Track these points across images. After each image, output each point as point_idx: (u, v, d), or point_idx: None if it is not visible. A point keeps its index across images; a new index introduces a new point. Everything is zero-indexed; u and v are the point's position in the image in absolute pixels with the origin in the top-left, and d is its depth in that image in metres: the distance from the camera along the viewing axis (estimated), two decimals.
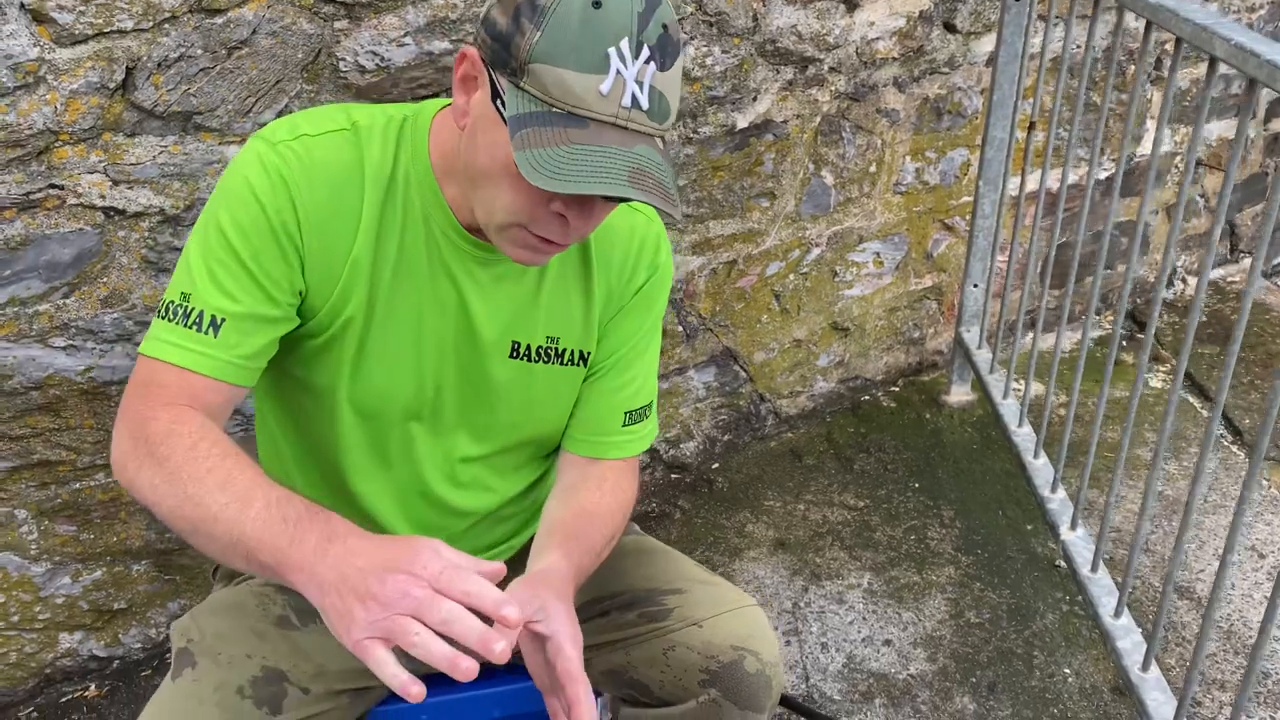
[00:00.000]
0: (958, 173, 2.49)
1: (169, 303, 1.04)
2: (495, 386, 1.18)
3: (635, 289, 1.22)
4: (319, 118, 1.08)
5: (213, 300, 1.03)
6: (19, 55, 1.41)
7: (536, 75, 0.92)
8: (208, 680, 1.08)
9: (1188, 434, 2.53)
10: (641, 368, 1.25)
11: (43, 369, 1.61)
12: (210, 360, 1.03)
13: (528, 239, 1.01)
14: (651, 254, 1.23)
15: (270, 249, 1.04)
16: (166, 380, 1.02)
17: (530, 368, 1.18)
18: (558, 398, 1.22)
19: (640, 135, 0.95)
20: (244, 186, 1.03)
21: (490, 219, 1.02)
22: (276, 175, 1.03)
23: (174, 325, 1.03)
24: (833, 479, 2.41)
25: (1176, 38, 1.51)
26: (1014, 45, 2.19)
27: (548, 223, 1.00)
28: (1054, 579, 2.12)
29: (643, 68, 0.92)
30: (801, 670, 1.93)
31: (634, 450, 1.26)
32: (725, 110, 2.06)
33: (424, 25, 1.66)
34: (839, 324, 2.51)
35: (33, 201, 1.51)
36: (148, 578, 1.86)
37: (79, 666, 1.87)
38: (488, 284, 1.13)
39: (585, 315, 1.20)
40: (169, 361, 1.02)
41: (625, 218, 1.21)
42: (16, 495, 1.69)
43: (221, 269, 1.03)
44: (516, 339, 1.17)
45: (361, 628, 0.82)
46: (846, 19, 2.12)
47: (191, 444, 0.96)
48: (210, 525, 0.92)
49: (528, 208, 0.98)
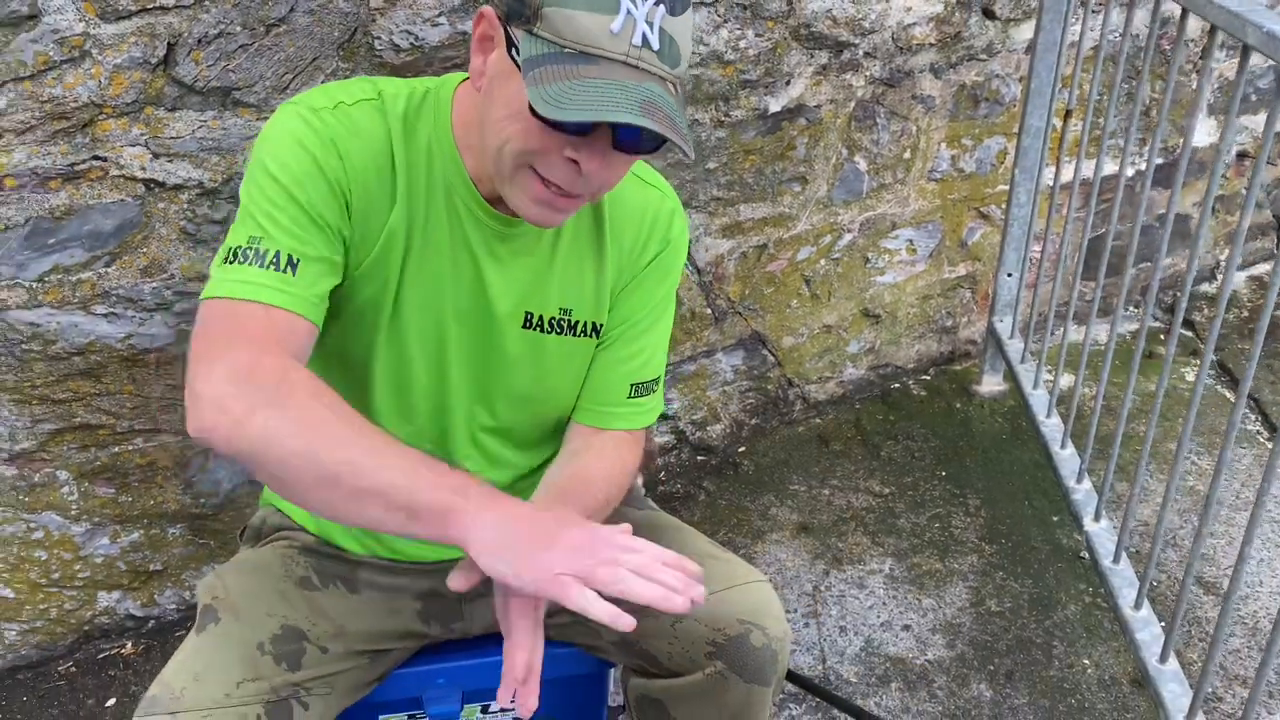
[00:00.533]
0: (994, 161, 2.47)
1: (236, 248, 1.03)
2: (509, 357, 1.20)
3: (647, 261, 1.24)
4: (349, 88, 1.11)
5: (286, 241, 1.03)
6: (65, 30, 1.46)
7: (549, 19, 0.95)
8: (230, 635, 1.12)
9: (1221, 429, 2.50)
10: (651, 340, 1.27)
11: (84, 335, 1.67)
12: (295, 298, 1.02)
13: (540, 190, 1.02)
14: (665, 228, 1.24)
15: (326, 197, 1.06)
16: (253, 323, 1.00)
17: (543, 339, 1.21)
18: (571, 370, 1.25)
19: (651, 76, 0.97)
20: (293, 142, 1.05)
21: (502, 167, 1.03)
22: (325, 135, 1.06)
23: (249, 267, 1.02)
24: (859, 465, 2.41)
25: (1211, 25, 1.49)
26: (1053, 33, 2.17)
27: (559, 168, 1.00)
28: (1077, 570, 2.11)
29: (652, 9, 0.95)
30: (819, 653, 1.95)
31: (639, 422, 1.28)
32: (758, 94, 2.06)
33: (458, 4, 1.68)
34: (870, 311, 2.51)
35: (77, 173, 1.56)
36: (182, 541, 1.92)
37: (116, 625, 1.94)
38: (505, 256, 1.16)
39: (597, 287, 1.22)
40: (255, 300, 1.00)
41: (639, 192, 1.23)
42: (58, 457, 1.75)
43: (284, 215, 1.04)
44: (530, 310, 1.19)
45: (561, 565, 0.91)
46: (883, 4, 2.12)
47: (313, 392, 0.96)
48: (351, 476, 0.93)
49: (542, 154, 1.00)
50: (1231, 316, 2.92)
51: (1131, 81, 2.50)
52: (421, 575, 1.29)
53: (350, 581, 1.26)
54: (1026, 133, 2.28)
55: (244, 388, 0.95)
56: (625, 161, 1.05)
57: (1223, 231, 3.00)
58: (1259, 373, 2.68)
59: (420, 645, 1.32)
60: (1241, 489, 2.32)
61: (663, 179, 1.28)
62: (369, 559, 1.28)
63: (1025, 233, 2.39)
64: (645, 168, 1.27)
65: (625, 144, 1.00)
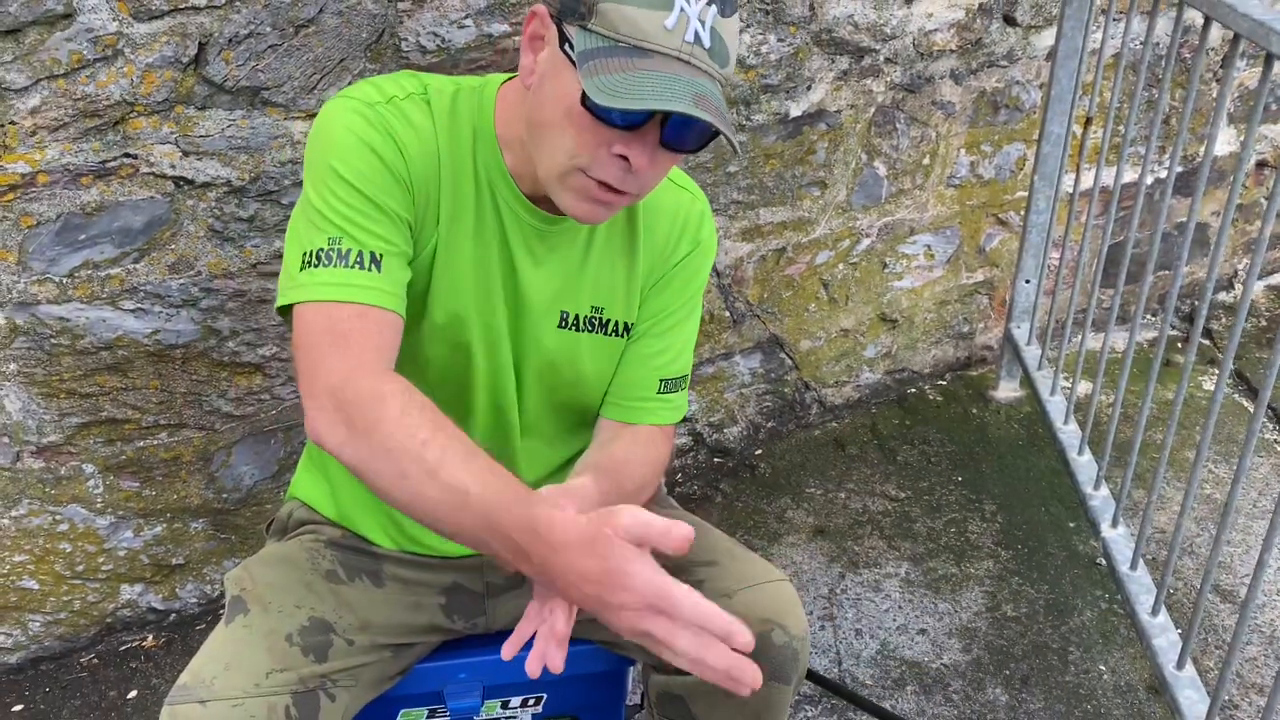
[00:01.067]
0: (1013, 167, 2.48)
1: (316, 250, 1.03)
2: (546, 354, 1.21)
3: (677, 260, 1.26)
4: (399, 81, 1.13)
5: (365, 239, 1.04)
6: (99, 29, 1.48)
7: (604, 14, 0.97)
8: (258, 626, 1.13)
9: (1239, 438, 2.50)
10: (679, 338, 1.28)
11: (112, 330, 1.69)
12: (384, 294, 1.03)
13: (588, 186, 1.03)
14: (695, 229, 1.26)
15: (394, 190, 1.07)
16: (349, 327, 1.01)
17: (577, 337, 1.22)
18: (602, 368, 1.26)
19: (702, 72, 0.98)
20: (353, 138, 1.05)
21: (552, 168, 1.04)
22: (383, 128, 1.07)
23: (334, 268, 1.02)
24: (875, 469, 2.42)
25: (1235, 34, 1.50)
26: (1074, 40, 2.17)
27: (608, 165, 1.01)
28: (1094, 576, 2.11)
29: (705, 8, 0.97)
30: (835, 655, 1.95)
31: (668, 418, 1.29)
32: (779, 98, 2.07)
33: (484, 7, 1.70)
34: (887, 315, 2.52)
35: (108, 169, 1.58)
36: (205, 535, 1.94)
37: (138, 617, 1.96)
38: (541, 254, 1.17)
39: (628, 287, 1.24)
40: (344, 300, 1.01)
41: (671, 195, 1.25)
42: (85, 450, 1.77)
43: (358, 214, 1.04)
44: (565, 308, 1.21)
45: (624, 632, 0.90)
46: (904, 10, 2.13)
47: (400, 410, 0.96)
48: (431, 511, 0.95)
49: (590, 148, 1.01)
50: (1249, 325, 2.91)
51: (1152, 89, 2.51)
52: (445, 570, 1.30)
53: (375, 575, 1.28)
54: (1046, 139, 2.29)
55: (342, 407, 0.97)
56: (670, 160, 1.06)
57: (1241, 240, 3.00)
58: (1278, 382, 2.68)
59: (443, 640, 1.33)
60: (1259, 497, 2.32)
61: (693, 182, 1.29)
62: (394, 553, 1.30)
63: (1044, 239, 2.39)
64: (677, 170, 1.28)
65: (671, 142, 1.01)
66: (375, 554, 1.29)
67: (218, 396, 1.82)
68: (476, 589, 1.32)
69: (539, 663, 0.99)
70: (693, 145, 1.04)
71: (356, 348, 1.00)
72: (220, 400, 1.82)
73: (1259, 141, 2.84)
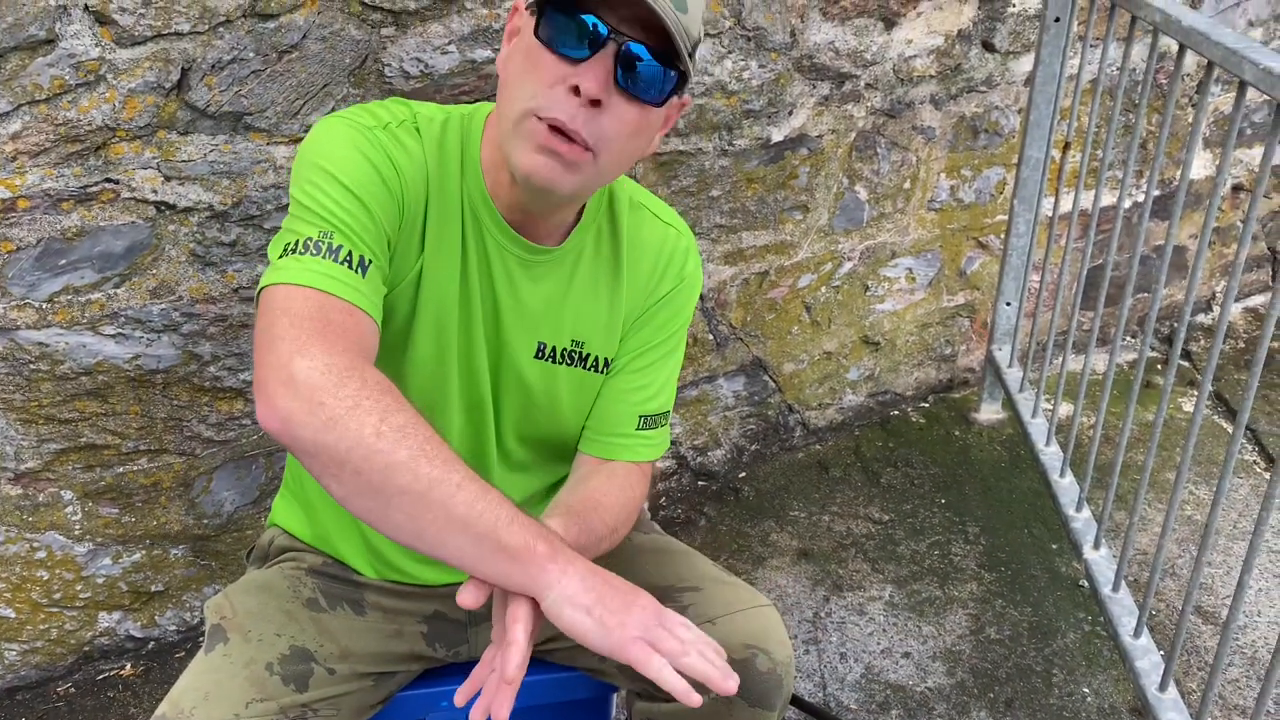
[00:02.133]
0: (993, 191, 2.50)
1: (306, 239, 0.99)
2: (523, 384, 1.21)
3: (661, 296, 1.26)
4: (390, 109, 1.13)
5: (356, 242, 1.01)
6: (81, 54, 1.48)
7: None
8: (238, 655, 1.12)
9: (1219, 459, 2.52)
10: (661, 374, 1.28)
11: (92, 355, 1.68)
12: (367, 300, 1.00)
13: (538, 131, 1.01)
14: (680, 264, 1.26)
15: (388, 207, 1.06)
16: (340, 318, 0.96)
17: (555, 369, 1.22)
18: (580, 402, 1.26)
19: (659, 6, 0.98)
20: (353, 149, 1.05)
21: (507, 122, 1.04)
22: (381, 148, 1.07)
23: (324, 260, 0.98)
24: (859, 491, 2.42)
25: (1209, 61, 1.52)
26: (1052, 66, 2.20)
27: (560, 101, 1.00)
28: (1077, 598, 2.12)
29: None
30: (819, 679, 1.95)
31: (646, 455, 1.28)
32: (761, 123, 2.09)
33: (468, 34, 1.71)
34: (870, 338, 2.53)
35: (89, 195, 1.57)
36: (184, 562, 1.92)
37: (116, 646, 1.93)
38: (523, 282, 1.17)
39: (610, 321, 1.24)
40: (339, 296, 0.97)
41: (656, 229, 1.25)
42: (63, 477, 1.75)
43: (351, 218, 1.02)
44: (542, 340, 1.20)
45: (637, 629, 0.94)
46: (884, 36, 2.15)
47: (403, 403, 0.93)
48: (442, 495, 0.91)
49: (545, 88, 1.00)
50: (1227, 348, 2.94)
51: (1129, 114, 2.54)
52: (427, 598, 1.30)
53: (357, 603, 1.27)
54: (1025, 164, 2.31)
55: (345, 389, 0.90)
56: (629, 116, 1.03)
57: (1218, 263, 3.03)
58: (1256, 403, 2.70)
59: (425, 668, 1.33)
60: (1239, 519, 2.33)
61: (679, 217, 1.30)
62: (376, 581, 1.29)
63: (1024, 262, 2.41)
64: (661, 205, 1.29)
65: (626, 82, 1.01)
66: (357, 582, 1.28)
67: (199, 422, 1.81)
68: (459, 617, 1.31)
69: (482, 714, 0.96)
70: (650, 90, 1.02)
71: (351, 340, 0.95)
72: (201, 425, 1.81)
73: (1234, 165, 2.87)
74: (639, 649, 0.93)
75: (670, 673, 0.93)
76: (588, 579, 0.96)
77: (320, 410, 0.89)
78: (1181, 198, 1.64)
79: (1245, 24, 2.66)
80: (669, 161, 2.02)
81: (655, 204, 1.29)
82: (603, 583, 0.96)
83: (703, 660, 0.95)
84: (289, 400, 0.90)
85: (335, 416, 0.89)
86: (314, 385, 0.90)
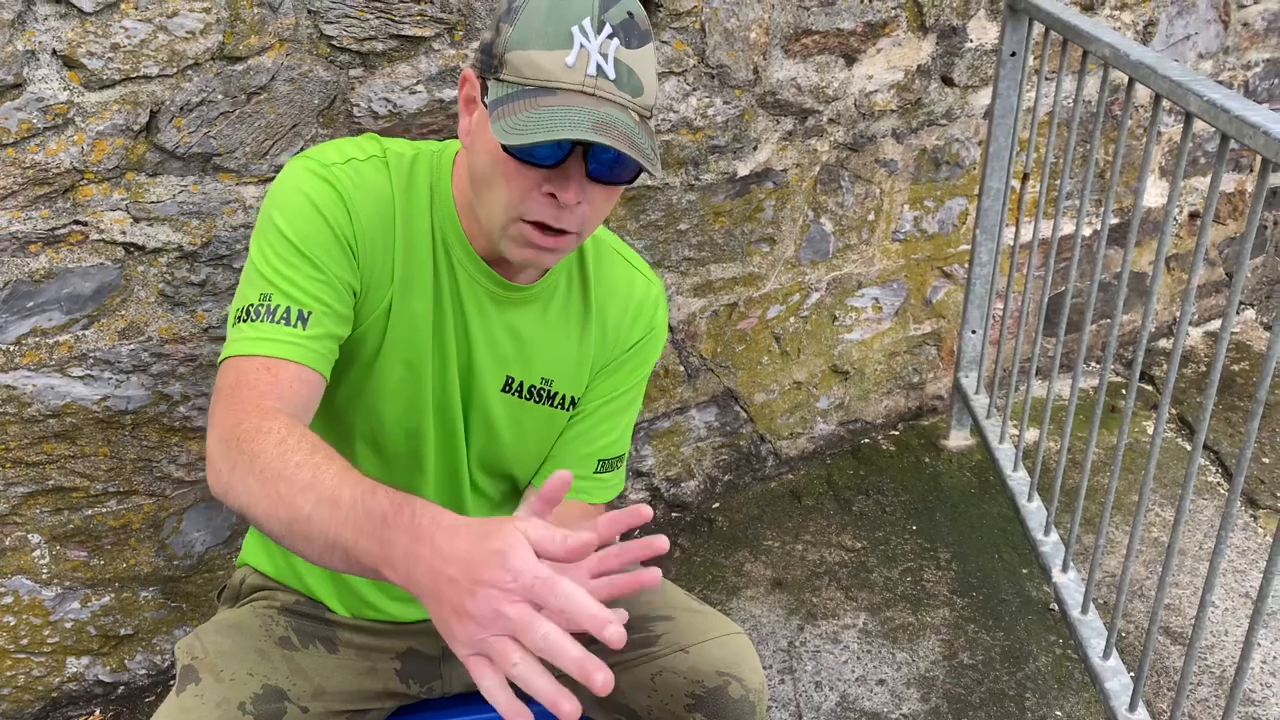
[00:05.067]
0: (956, 221, 2.55)
1: (247, 306, 1.06)
2: (491, 418, 1.22)
3: (630, 344, 1.28)
4: (360, 144, 1.15)
5: (296, 295, 1.06)
6: (49, 98, 1.49)
7: (512, 63, 1.00)
8: (210, 696, 1.12)
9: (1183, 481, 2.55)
10: (623, 421, 1.30)
11: (60, 397, 1.67)
12: (299, 349, 1.04)
13: (525, 231, 1.06)
14: (650, 313, 1.28)
15: (334, 251, 1.08)
16: (255, 379, 1.02)
17: (523, 404, 1.23)
18: (546, 438, 1.27)
19: (610, 102, 1.00)
20: (302, 198, 1.08)
21: (493, 222, 1.07)
22: (333, 191, 1.09)
23: (259, 324, 1.04)
24: (831, 520, 2.44)
25: (1156, 94, 1.57)
26: (1009, 99, 2.25)
27: (540, 205, 1.04)
28: (1048, 622, 2.14)
29: (606, 42, 0.99)
30: (795, 708, 1.95)
31: (603, 497, 1.30)
32: (726, 158, 2.12)
33: (435, 74, 1.73)
34: (839, 367, 2.56)
35: (57, 237, 1.58)
36: (155, 604, 1.90)
37: (85, 691, 1.91)
38: (495, 317, 1.19)
39: (579, 361, 1.26)
40: (258, 355, 1.03)
41: (624, 275, 1.27)
42: (31, 520, 1.74)
43: (295, 271, 1.06)
44: (511, 374, 1.22)
45: (463, 645, 0.76)
46: (845, 72, 2.19)
47: (279, 439, 0.93)
48: (305, 526, 0.87)
49: (520, 194, 1.03)
50: (1190, 371, 2.99)
51: (1085, 145, 2.60)
52: (400, 635, 1.30)
53: (330, 641, 1.27)
54: (986, 194, 2.36)
55: (228, 448, 0.95)
56: (605, 195, 1.07)
57: (1178, 289, 3.10)
58: (1220, 426, 2.75)
59: (398, 705, 1.32)
60: (1204, 540, 2.37)
61: (648, 266, 1.32)
62: (349, 620, 1.29)
63: (988, 291, 2.45)
64: (631, 252, 1.31)
65: (599, 174, 1.03)
66: (329, 620, 1.28)
67: (169, 462, 1.80)
68: (432, 653, 1.31)
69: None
70: (622, 176, 1.05)
71: (255, 395, 1.00)
72: (171, 466, 1.80)
73: (1190, 193, 2.94)
74: (471, 666, 0.76)
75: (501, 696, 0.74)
76: (424, 590, 0.79)
77: (219, 479, 0.96)
78: (1135, 225, 1.68)
79: (1195, 56, 2.74)
80: (637, 196, 2.05)
81: (624, 249, 1.31)
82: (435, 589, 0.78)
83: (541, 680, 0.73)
84: (208, 473, 0.99)
85: (228, 484, 0.95)
86: (213, 458, 0.98)
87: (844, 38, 2.16)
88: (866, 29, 2.18)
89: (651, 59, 1.05)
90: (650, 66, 1.04)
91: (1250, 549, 2.34)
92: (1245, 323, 3.25)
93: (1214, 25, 2.73)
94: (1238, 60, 2.83)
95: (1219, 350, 1.39)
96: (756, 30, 2.04)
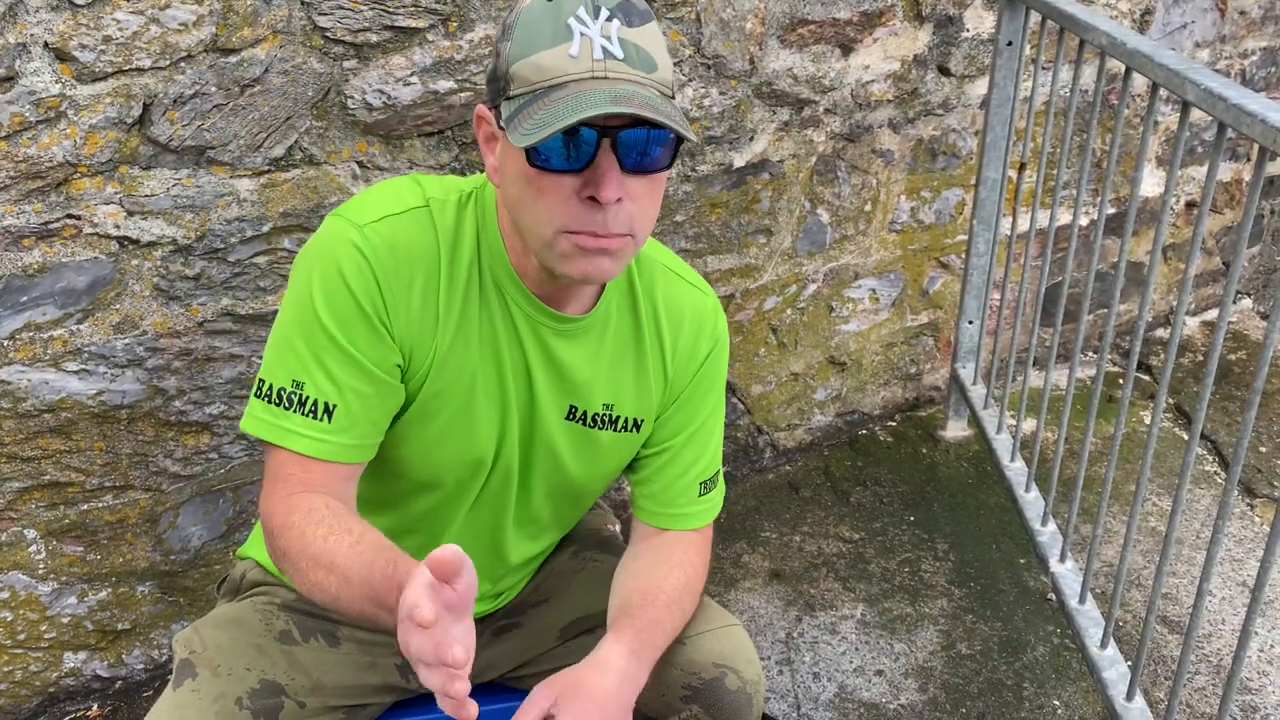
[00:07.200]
0: (953, 212, 2.54)
1: (280, 389, 1.09)
2: (554, 447, 1.22)
3: (700, 361, 1.26)
4: (399, 193, 1.13)
5: (325, 387, 1.08)
6: (41, 91, 1.48)
7: (517, 76, 0.99)
8: (207, 690, 1.12)
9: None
10: (714, 439, 1.30)
11: (55, 392, 1.66)
12: (328, 446, 1.09)
13: (574, 242, 1.02)
14: (712, 326, 1.27)
15: (364, 331, 1.08)
16: (288, 473, 1.10)
17: (587, 432, 1.23)
18: (613, 462, 1.28)
19: (626, 81, 0.98)
20: (335, 272, 1.07)
21: (539, 242, 1.04)
22: (364, 263, 1.07)
23: (291, 414, 1.09)
24: (829, 511, 2.44)
25: (1153, 82, 1.56)
26: (1006, 88, 2.25)
27: (582, 213, 1.00)
28: (1045, 612, 2.14)
29: (606, 25, 0.98)
30: (793, 699, 1.95)
31: (707, 519, 1.30)
32: (723, 149, 2.11)
33: (430, 66, 1.72)
34: (836, 359, 2.55)
35: (50, 231, 1.57)
36: (152, 599, 1.90)
37: (82, 686, 1.91)
38: (551, 350, 1.17)
39: (637, 383, 1.24)
40: (293, 450, 1.09)
41: (685, 292, 1.26)
42: (26, 515, 1.74)
43: (326, 355, 1.08)
44: (574, 403, 1.21)
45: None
46: (842, 62, 2.19)
47: (300, 533, 1.04)
48: (336, 603, 1.02)
49: (558, 204, 1.00)
50: (1187, 361, 2.99)
51: (1082, 134, 2.59)
52: None
53: (331, 635, 1.26)
54: (983, 184, 2.35)
55: (271, 540, 1.09)
56: (646, 187, 1.03)
57: (1175, 278, 3.09)
58: (1217, 415, 2.75)
59: (396, 699, 1.32)
60: (1201, 529, 2.37)
61: (696, 273, 1.30)
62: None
63: (985, 281, 2.45)
64: (677, 261, 1.29)
65: (633, 164, 1.00)
66: (332, 615, 1.28)
67: (164, 456, 1.80)
68: None
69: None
70: (658, 161, 1.01)
71: (286, 489, 1.09)
72: (167, 460, 1.80)
73: (1186, 183, 2.94)
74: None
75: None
76: None
77: (278, 565, 1.10)
78: (1132, 214, 1.67)
79: (1192, 45, 2.73)
80: None
81: (669, 258, 1.28)
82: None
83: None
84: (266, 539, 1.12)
85: (283, 570, 1.09)
86: (269, 532, 1.10)
87: (840, 27, 2.15)
88: (863, 18, 2.17)
89: (658, 36, 1.02)
90: (659, 43, 1.01)
91: (1247, 538, 2.35)
92: (1242, 312, 3.25)
93: (1211, 13, 2.73)
94: (1234, 48, 2.82)
95: (1216, 339, 1.39)
96: (752, 20, 2.03)
